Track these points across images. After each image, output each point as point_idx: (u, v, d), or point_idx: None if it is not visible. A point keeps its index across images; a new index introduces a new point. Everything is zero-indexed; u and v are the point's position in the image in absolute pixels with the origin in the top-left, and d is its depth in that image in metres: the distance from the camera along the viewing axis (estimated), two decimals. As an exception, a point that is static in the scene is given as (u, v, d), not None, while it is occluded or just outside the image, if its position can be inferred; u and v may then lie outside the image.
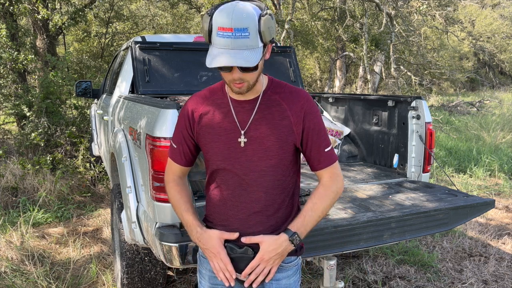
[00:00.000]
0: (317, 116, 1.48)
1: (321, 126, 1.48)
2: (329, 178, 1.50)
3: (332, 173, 1.50)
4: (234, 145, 1.44)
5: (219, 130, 1.45)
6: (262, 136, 1.42)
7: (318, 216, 1.47)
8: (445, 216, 2.43)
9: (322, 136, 1.48)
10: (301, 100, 1.46)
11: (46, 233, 4.36)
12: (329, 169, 1.50)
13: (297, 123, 1.44)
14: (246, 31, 1.25)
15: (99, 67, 11.64)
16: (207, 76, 3.98)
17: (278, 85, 1.49)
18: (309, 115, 1.45)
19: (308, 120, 1.45)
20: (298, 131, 1.44)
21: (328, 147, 1.49)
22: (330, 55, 14.87)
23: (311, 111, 1.46)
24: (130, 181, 2.65)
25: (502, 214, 5.08)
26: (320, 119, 1.49)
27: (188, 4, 12.07)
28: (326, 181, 1.50)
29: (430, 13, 9.81)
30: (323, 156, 1.48)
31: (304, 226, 1.45)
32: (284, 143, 1.44)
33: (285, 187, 1.50)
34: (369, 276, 3.46)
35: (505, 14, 24.86)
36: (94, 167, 5.88)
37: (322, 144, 1.48)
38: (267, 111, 1.44)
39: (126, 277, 2.77)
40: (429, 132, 3.04)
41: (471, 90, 24.65)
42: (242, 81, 1.34)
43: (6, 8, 6.43)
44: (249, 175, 1.45)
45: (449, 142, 8.70)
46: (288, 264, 1.52)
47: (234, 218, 1.49)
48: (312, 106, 1.47)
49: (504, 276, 3.53)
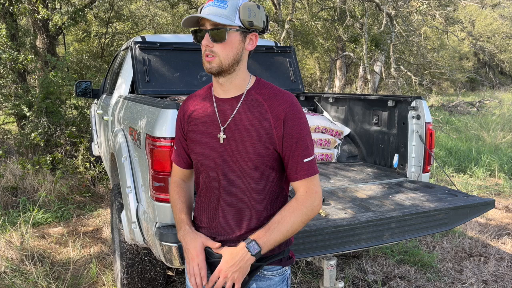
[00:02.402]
0: (300, 123, 1.37)
1: (302, 133, 1.37)
2: (305, 192, 1.38)
3: (308, 188, 1.38)
4: (214, 142, 1.42)
5: (202, 128, 1.46)
6: (240, 136, 1.38)
7: (286, 231, 1.35)
8: (445, 216, 2.43)
9: (302, 145, 1.37)
10: (284, 103, 1.37)
11: (46, 233, 4.36)
12: (306, 182, 1.38)
13: (277, 127, 1.36)
14: (225, 2, 1.34)
15: (99, 67, 11.64)
16: (207, 76, 3.98)
17: (264, 85, 1.43)
18: (290, 120, 1.36)
19: (289, 125, 1.36)
20: (278, 135, 1.36)
21: (308, 157, 1.37)
22: (330, 55, 14.87)
23: (293, 116, 1.36)
24: (130, 181, 2.65)
25: (502, 214, 5.07)
26: (303, 126, 1.38)
27: (188, 4, 12.07)
28: (301, 195, 1.38)
29: (430, 13, 9.81)
30: (300, 166, 1.37)
31: (267, 236, 1.34)
32: (263, 146, 1.37)
33: (264, 192, 1.41)
34: (369, 276, 3.46)
35: (505, 14, 24.87)
36: (94, 167, 5.88)
37: (300, 153, 1.37)
38: (248, 111, 1.39)
39: (126, 277, 2.77)
40: (429, 132, 3.04)
41: (471, 90, 24.65)
42: (212, 54, 1.35)
43: (6, 8, 6.43)
44: (227, 176, 1.41)
45: (449, 142, 8.70)
46: (270, 273, 1.44)
47: (215, 221, 1.46)
48: (295, 111, 1.37)
49: (504, 276, 3.53)
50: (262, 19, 1.38)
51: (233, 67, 1.38)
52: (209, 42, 1.34)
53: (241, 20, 1.34)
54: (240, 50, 1.37)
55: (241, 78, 1.41)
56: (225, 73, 1.38)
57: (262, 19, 1.38)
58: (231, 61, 1.36)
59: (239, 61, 1.38)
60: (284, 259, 1.47)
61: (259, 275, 1.43)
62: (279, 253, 1.44)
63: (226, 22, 1.32)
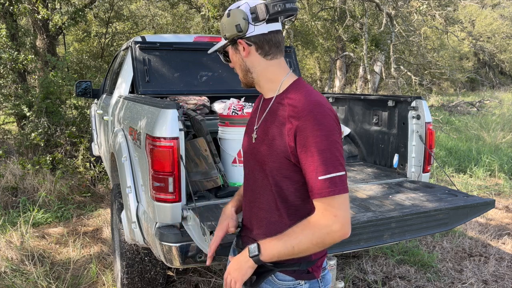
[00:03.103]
0: (316, 135, 1.21)
1: (318, 147, 1.21)
2: (321, 213, 1.23)
3: (325, 209, 1.22)
4: (250, 140, 1.46)
5: (249, 124, 1.53)
6: (262, 138, 1.37)
7: (292, 246, 1.25)
8: (445, 216, 2.43)
9: (316, 159, 1.21)
10: (303, 110, 1.25)
11: (46, 233, 4.36)
12: (322, 202, 1.23)
13: (290, 135, 1.26)
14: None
15: (99, 67, 11.64)
16: (207, 76, 3.98)
17: (296, 89, 1.35)
18: (303, 130, 1.23)
19: (302, 136, 1.23)
20: (291, 145, 1.26)
21: (325, 174, 1.21)
22: (330, 55, 14.87)
23: (307, 126, 1.22)
24: (130, 181, 2.65)
25: (502, 214, 5.07)
26: (321, 139, 1.21)
27: (188, 4, 12.06)
28: (316, 215, 1.25)
29: (430, 13, 9.81)
30: (314, 183, 1.22)
31: (272, 245, 1.28)
32: (275, 152, 1.31)
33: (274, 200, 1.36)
34: (369, 276, 3.46)
35: (505, 14, 24.87)
36: (94, 167, 5.88)
37: (314, 169, 1.22)
38: (273, 114, 1.35)
39: (126, 277, 2.77)
40: (429, 132, 3.03)
41: (471, 90, 24.65)
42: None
43: (6, 8, 6.42)
44: (252, 174, 1.43)
45: (449, 142, 8.70)
46: (280, 281, 1.38)
47: (245, 217, 1.52)
48: (312, 120, 1.22)
49: (504, 276, 3.52)
50: (233, 24, 1.35)
51: (248, 77, 1.42)
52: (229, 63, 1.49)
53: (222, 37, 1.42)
54: (241, 62, 1.40)
55: (269, 82, 1.40)
56: (250, 84, 1.46)
57: (233, 24, 1.35)
58: (243, 74, 1.43)
59: (249, 70, 1.40)
60: (299, 271, 1.37)
61: (270, 279, 1.39)
62: (294, 264, 1.36)
63: (217, 46, 1.46)
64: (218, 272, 3.45)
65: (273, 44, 1.37)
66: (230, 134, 2.93)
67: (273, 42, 1.37)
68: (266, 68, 1.38)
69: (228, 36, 1.38)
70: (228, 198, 2.60)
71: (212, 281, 3.32)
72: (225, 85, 4.01)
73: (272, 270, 1.37)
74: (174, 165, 2.20)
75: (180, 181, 2.24)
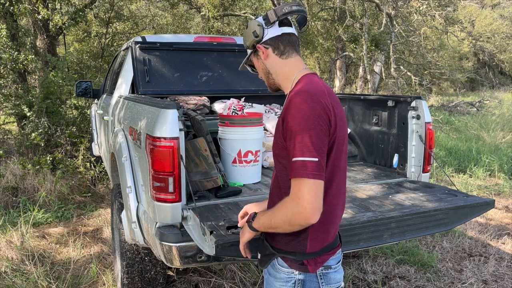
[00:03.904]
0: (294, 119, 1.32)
1: (292, 130, 1.31)
2: (292, 193, 1.31)
3: (293, 190, 1.30)
4: None
5: None
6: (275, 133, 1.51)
7: (270, 220, 1.39)
8: (445, 216, 2.44)
9: (292, 142, 1.31)
10: (290, 98, 1.39)
11: (46, 233, 4.37)
12: (293, 183, 1.31)
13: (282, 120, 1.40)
14: None
15: (99, 67, 11.64)
16: (207, 76, 3.99)
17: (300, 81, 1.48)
18: (288, 115, 1.35)
19: (286, 119, 1.36)
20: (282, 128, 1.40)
21: (297, 157, 1.29)
22: (330, 55, 14.88)
23: (290, 111, 1.34)
24: (130, 181, 2.65)
25: (502, 214, 5.08)
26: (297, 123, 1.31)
27: (188, 4, 12.07)
28: (289, 195, 1.33)
29: (430, 13, 9.81)
30: (291, 163, 1.32)
31: (261, 216, 1.46)
32: (277, 138, 1.44)
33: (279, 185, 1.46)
34: (369, 276, 3.46)
35: (505, 14, 24.87)
36: (94, 167, 5.88)
37: (291, 150, 1.32)
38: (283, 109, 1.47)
39: (126, 277, 2.77)
40: (429, 132, 3.04)
41: (471, 90, 24.66)
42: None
43: (6, 8, 6.43)
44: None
45: (449, 142, 8.70)
46: (279, 266, 1.47)
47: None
48: (293, 106, 1.34)
49: (504, 276, 3.53)
50: (250, 32, 1.53)
51: (270, 79, 1.58)
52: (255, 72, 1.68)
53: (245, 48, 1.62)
54: (263, 66, 1.57)
55: (285, 80, 1.54)
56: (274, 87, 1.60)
57: (250, 31, 1.53)
58: (265, 78, 1.60)
59: (269, 72, 1.57)
60: (294, 261, 1.44)
61: (273, 263, 1.49)
62: (290, 253, 1.44)
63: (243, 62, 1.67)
64: (218, 272, 3.45)
65: (287, 43, 1.53)
66: (230, 134, 2.94)
67: (287, 41, 1.53)
68: (283, 67, 1.53)
69: (248, 44, 1.56)
70: (228, 198, 2.61)
71: (212, 281, 3.32)
72: (225, 85, 4.01)
73: (274, 254, 1.48)
74: (174, 165, 2.20)
75: (180, 181, 2.24)
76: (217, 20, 9.18)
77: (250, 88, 4.08)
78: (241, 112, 3.68)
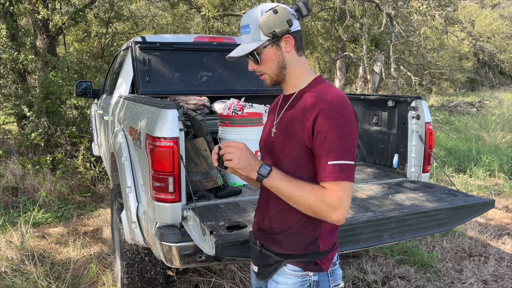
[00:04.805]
0: (333, 122, 1.30)
1: (331, 133, 1.29)
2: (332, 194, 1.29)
3: (335, 192, 1.29)
4: (270, 134, 1.51)
5: (269, 120, 1.58)
6: (283, 130, 1.44)
7: (293, 195, 1.31)
8: (445, 216, 2.44)
9: (329, 145, 1.29)
10: (323, 100, 1.34)
11: (46, 233, 4.37)
12: (332, 185, 1.29)
13: (309, 121, 1.34)
14: (248, 27, 1.43)
15: (99, 67, 11.64)
16: (207, 76, 3.99)
17: (317, 83, 1.45)
18: (322, 117, 1.31)
19: (319, 122, 1.31)
20: (309, 130, 1.34)
21: (334, 160, 1.28)
22: (330, 55, 14.88)
23: (327, 114, 1.31)
24: (130, 181, 2.65)
25: (502, 214, 5.08)
26: (337, 127, 1.30)
27: (188, 4, 12.06)
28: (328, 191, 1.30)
29: (430, 13, 9.81)
30: (323, 167, 1.30)
31: (280, 179, 1.33)
32: (294, 141, 1.38)
33: None
34: (369, 276, 3.46)
35: (505, 14, 24.88)
36: (94, 167, 5.88)
37: (326, 153, 1.30)
38: (295, 108, 1.42)
39: (126, 277, 2.77)
40: (429, 132, 3.04)
41: (471, 90, 24.66)
42: (261, 73, 1.48)
43: (6, 8, 6.42)
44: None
45: (449, 142, 8.70)
46: (290, 271, 1.43)
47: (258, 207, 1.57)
48: (331, 108, 1.32)
49: (504, 276, 3.53)
50: (284, 19, 1.38)
51: (282, 74, 1.45)
52: (253, 66, 1.48)
53: (265, 35, 1.40)
54: (280, 58, 1.43)
55: (294, 78, 1.47)
56: (280, 82, 1.48)
57: (284, 19, 1.38)
58: (277, 71, 1.45)
59: (285, 66, 1.44)
60: (308, 263, 1.42)
61: (281, 270, 1.45)
62: (303, 255, 1.42)
63: (252, 48, 1.41)
64: (218, 272, 3.45)
65: (302, 40, 1.48)
66: (230, 134, 2.94)
67: (301, 38, 1.48)
68: (297, 64, 1.47)
69: (278, 32, 1.39)
70: (228, 198, 2.61)
71: (212, 281, 3.32)
72: (225, 85, 4.01)
73: (281, 261, 1.44)
74: (174, 165, 2.20)
75: (180, 181, 2.24)
76: (217, 20, 9.18)
77: (250, 88, 4.08)
78: (241, 112, 3.68)
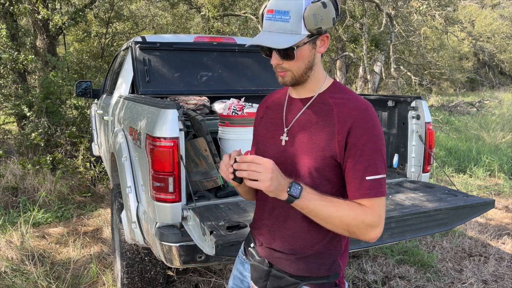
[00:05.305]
0: (369, 134, 1.21)
1: (370, 146, 1.20)
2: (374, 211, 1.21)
3: (375, 209, 1.21)
4: (278, 143, 1.35)
5: (270, 127, 1.40)
6: (301, 139, 1.29)
7: (329, 215, 1.19)
8: (445, 216, 2.44)
9: (367, 159, 1.20)
10: (355, 109, 1.23)
11: (46, 233, 4.37)
12: (369, 202, 1.21)
13: (341, 133, 1.22)
14: (287, 14, 1.20)
15: (99, 67, 11.65)
16: (207, 76, 3.99)
17: (340, 90, 1.31)
18: (357, 129, 1.21)
19: (354, 134, 1.21)
20: (340, 143, 1.22)
21: (373, 175, 1.20)
22: (330, 55, 14.87)
23: (362, 125, 1.21)
24: (130, 181, 2.65)
25: (502, 214, 5.08)
26: (374, 139, 1.21)
27: (188, 4, 12.06)
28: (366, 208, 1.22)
29: (430, 13, 9.81)
30: (360, 183, 1.21)
31: (313, 199, 1.18)
32: (320, 152, 1.25)
33: None
34: (369, 276, 3.46)
35: (505, 14, 24.88)
36: (94, 167, 5.88)
37: (363, 168, 1.20)
38: (315, 114, 1.28)
39: (126, 277, 2.77)
40: (429, 132, 3.04)
41: (471, 90, 24.66)
42: (283, 70, 1.27)
43: (6, 8, 6.43)
44: None
45: (449, 142, 8.70)
46: None
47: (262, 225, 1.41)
48: (366, 119, 1.22)
49: (504, 276, 3.53)
50: (331, 17, 1.22)
51: (306, 74, 1.29)
52: (278, 60, 1.26)
53: (308, 29, 1.21)
54: (312, 57, 1.27)
55: (315, 81, 1.32)
56: (301, 83, 1.31)
57: (331, 17, 1.22)
58: (304, 71, 1.28)
59: (312, 67, 1.29)
60: (328, 284, 1.33)
61: None
62: (322, 277, 1.32)
63: (292, 42, 1.20)
64: (218, 272, 3.45)
65: None
66: (230, 134, 2.94)
67: None
68: (319, 66, 1.32)
69: (324, 28, 1.22)
70: (228, 198, 2.61)
71: (212, 281, 3.32)
72: (225, 85, 4.01)
73: (298, 283, 1.32)
74: (174, 165, 2.20)
75: (180, 181, 2.24)
76: (217, 20, 9.17)
77: (250, 88, 4.08)
78: (241, 112, 3.68)
